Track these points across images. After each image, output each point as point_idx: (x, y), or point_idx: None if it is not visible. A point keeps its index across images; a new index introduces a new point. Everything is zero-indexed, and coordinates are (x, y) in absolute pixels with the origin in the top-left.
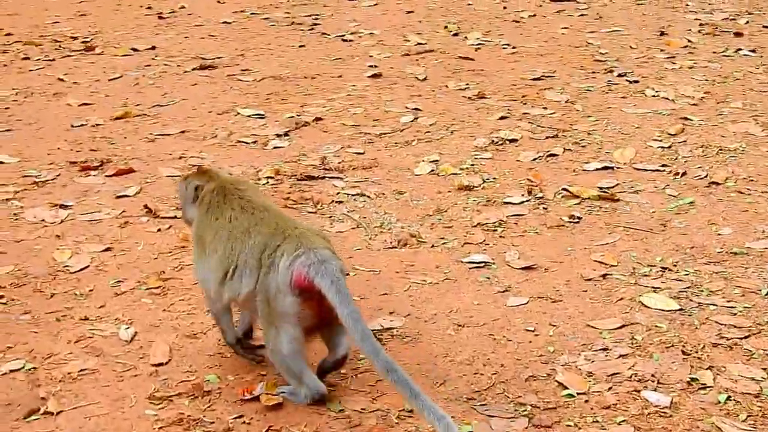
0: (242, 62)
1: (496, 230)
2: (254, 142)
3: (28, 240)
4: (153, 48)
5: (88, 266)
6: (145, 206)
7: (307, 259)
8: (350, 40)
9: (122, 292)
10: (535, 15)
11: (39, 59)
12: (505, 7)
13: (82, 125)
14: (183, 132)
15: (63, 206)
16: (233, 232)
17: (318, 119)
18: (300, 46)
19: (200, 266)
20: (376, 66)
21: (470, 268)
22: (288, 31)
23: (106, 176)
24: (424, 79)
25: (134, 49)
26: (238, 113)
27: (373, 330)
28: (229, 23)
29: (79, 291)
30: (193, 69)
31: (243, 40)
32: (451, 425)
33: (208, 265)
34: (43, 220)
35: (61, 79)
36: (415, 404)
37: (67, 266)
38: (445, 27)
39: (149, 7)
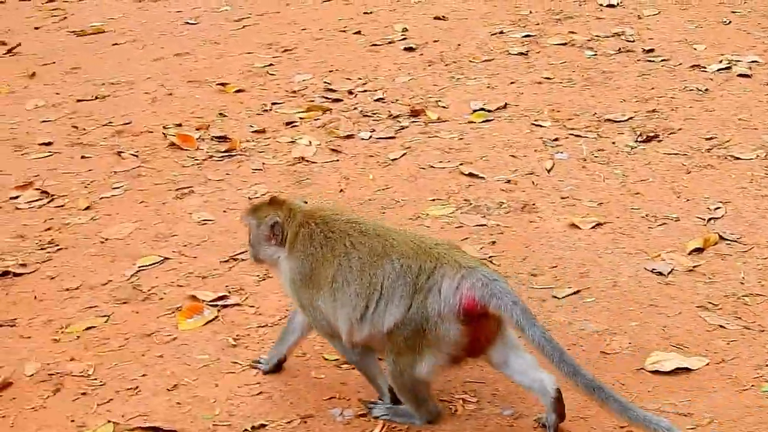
0: (681, 124)
1: None
2: None
3: None
4: (506, 106)
5: None
6: None
7: (476, 281)
8: (703, 68)
9: None
10: None
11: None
12: None
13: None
14: None
15: None
16: (364, 259)
17: None
18: (706, 92)
19: (317, 307)
20: None
21: None
22: (632, 65)
23: None
24: None
25: (485, 110)
26: None
27: None
28: (525, 54)
29: None
30: (637, 141)
31: (604, 86)
32: (672, 427)
33: (334, 303)
34: None
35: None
36: (628, 417)
37: None
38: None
39: (358, 32)
